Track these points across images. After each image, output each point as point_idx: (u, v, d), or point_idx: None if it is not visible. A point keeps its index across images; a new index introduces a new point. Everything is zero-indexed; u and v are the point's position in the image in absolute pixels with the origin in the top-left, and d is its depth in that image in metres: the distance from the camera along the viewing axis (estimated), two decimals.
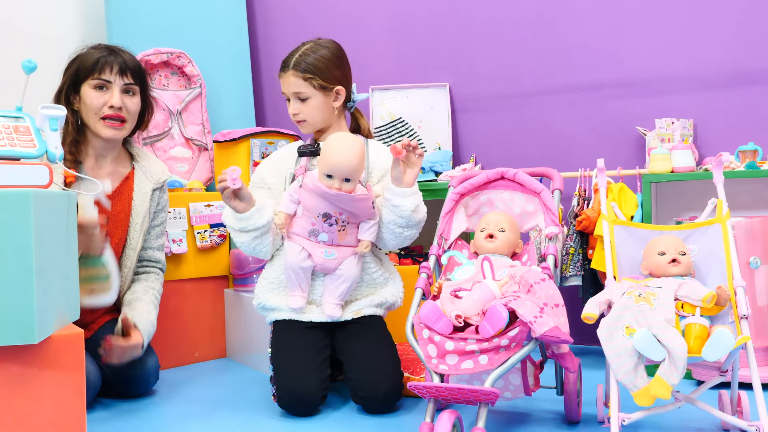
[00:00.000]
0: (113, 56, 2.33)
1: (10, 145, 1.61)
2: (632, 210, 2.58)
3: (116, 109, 2.31)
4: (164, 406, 2.32)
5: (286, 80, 2.36)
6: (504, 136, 3.16)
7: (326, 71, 2.34)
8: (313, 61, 2.33)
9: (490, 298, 1.82)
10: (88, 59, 2.32)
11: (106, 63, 2.30)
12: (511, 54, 3.12)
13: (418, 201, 2.22)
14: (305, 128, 2.40)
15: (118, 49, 2.37)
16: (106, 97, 2.31)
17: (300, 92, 2.34)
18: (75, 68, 2.32)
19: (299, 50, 2.36)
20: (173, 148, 3.21)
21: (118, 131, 2.34)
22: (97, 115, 2.31)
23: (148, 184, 2.45)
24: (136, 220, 2.42)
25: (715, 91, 2.76)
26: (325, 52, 2.36)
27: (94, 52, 2.34)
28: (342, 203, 2.18)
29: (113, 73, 2.30)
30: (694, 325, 1.71)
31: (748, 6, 2.69)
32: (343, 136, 2.26)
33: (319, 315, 2.27)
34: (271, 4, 3.72)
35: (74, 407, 1.63)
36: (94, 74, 2.30)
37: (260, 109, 3.76)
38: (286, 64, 2.36)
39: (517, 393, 2.03)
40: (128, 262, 2.42)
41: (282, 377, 2.19)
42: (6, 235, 1.50)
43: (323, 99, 2.35)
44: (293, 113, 2.38)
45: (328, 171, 2.16)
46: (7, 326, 1.51)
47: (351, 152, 2.16)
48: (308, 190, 2.19)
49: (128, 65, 2.34)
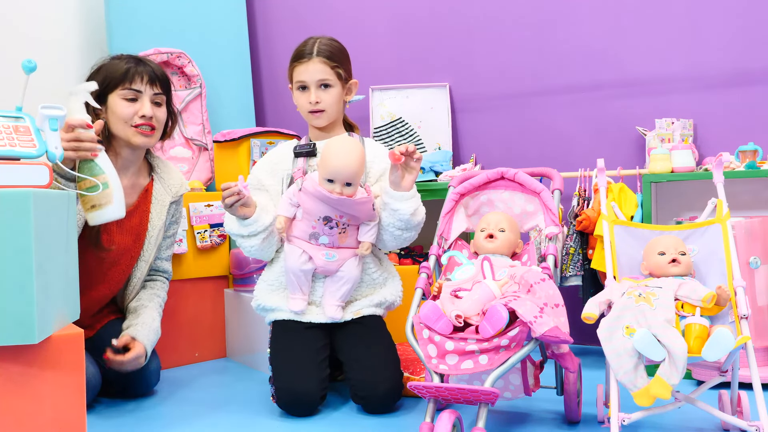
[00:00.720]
0: (142, 66, 2.32)
1: (10, 145, 1.62)
2: (632, 210, 2.58)
3: (147, 118, 2.31)
4: (164, 406, 2.32)
5: (311, 67, 2.32)
6: (504, 136, 3.16)
7: (346, 62, 2.37)
8: (335, 51, 2.34)
9: (490, 298, 1.82)
10: (117, 69, 2.30)
11: (136, 73, 2.30)
12: (511, 54, 3.12)
13: (417, 204, 2.22)
14: (321, 119, 2.36)
15: (145, 60, 2.37)
16: (137, 106, 2.30)
17: (326, 79, 2.32)
18: (102, 78, 2.29)
19: (315, 41, 2.35)
20: (173, 148, 3.21)
21: (150, 138, 2.34)
22: (127, 124, 2.30)
23: (166, 198, 2.45)
24: (151, 233, 2.41)
25: (715, 91, 2.76)
26: (339, 45, 2.38)
27: (120, 62, 2.33)
28: (343, 207, 2.18)
29: (144, 83, 2.30)
30: (694, 325, 1.71)
31: (748, 6, 2.69)
32: (343, 140, 2.25)
33: (320, 316, 2.27)
34: (271, 4, 3.72)
35: (74, 407, 1.63)
36: (124, 84, 2.29)
37: (260, 109, 3.76)
38: (309, 52, 2.32)
39: (517, 393, 2.03)
40: (138, 273, 2.43)
41: (281, 377, 2.19)
42: (6, 235, 1.50)
43: (341, 90, 2.36)
44: (314, 101, 2.32)
45: (329, 176, 2.15)
46: (7, 326, 1.51)
47: (352, 156, 2.15)
48: (308, 194, 2.18)
49: (157, 75, 2.34)
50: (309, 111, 2.35)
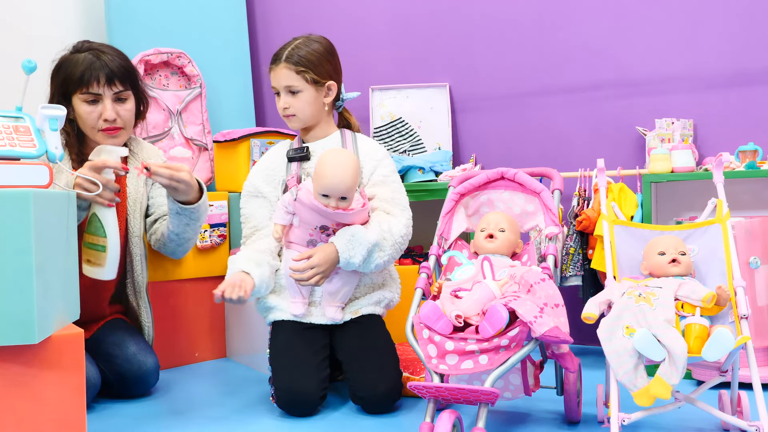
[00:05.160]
0: (99, 64, 2.24)
1: (10, 145, 1.62)
2: (632, 210, 2.58)
3: (111, 121, 2.28)
4: (164, 406, 2.32)
5: (278, 73, 2.32)
6: (504, 136, 3.16)
7: (319, 65, 2.32)
8: (305, 54, 2.31)
9: (490, 298, 1.82)
10: (74, 71, 2.25)
11: (92, 76, 2.24)
12: (511, 54, 3.12)
13: (365, 253, 2.18)
14: (294, 123, 2.37)
15: (102, 52, 2.28)
16: (99, 109, 2.27)
17: (292, 85, 2.30)
18: (62, 79, 2.27)
19: (291, 44, 2.34)
20: (173, 148, 3.21)
21: (118, 138, 2.32)
22: (94, 128, 2.29)
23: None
24: (133, 207, 2.40)
25: (715, 91, 2.76)
26: (317, 46, 2.34)
27: (79, 59, 2.26)
28: (340, 219, 2.18)
29: (101, 85, 2.25)
30: (694, 325, 1.71)
31: (748, 6, 2.69)
32: (336, 154, 2.23)
33: (320, 317, 2.27)
34: (271, 4, 3.72)
35: (74, 407, 1.63)
36: (82, 88, 2.25)
37: (260, 109, 3.76)
38: (278, 57, 2.33)
39: (517, 393, 2.03)
40: (137, 250, 2.41)
41: (280, 378, 2.19)
42: (6, 235, 1.50)
43: (314, 93, 2.33)
44: (283, 107, 2.34)
45: (323, 191, 2.14)
46: (7, 326, 1.51)
47: (346, 172, 2.14)
48: (304, 205, 2.18)
49: (114, 72, 2.26)
50: (282, 115, 2.37)
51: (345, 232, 2.18)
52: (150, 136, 3.11)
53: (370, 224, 2.23)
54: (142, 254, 2.43)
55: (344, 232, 2.18)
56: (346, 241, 2.16)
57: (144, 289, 2.47)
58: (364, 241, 2.16)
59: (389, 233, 2.23)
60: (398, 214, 2.30)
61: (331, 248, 2.17)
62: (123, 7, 3.21)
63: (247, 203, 2.38)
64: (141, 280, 2.45)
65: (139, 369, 2.33)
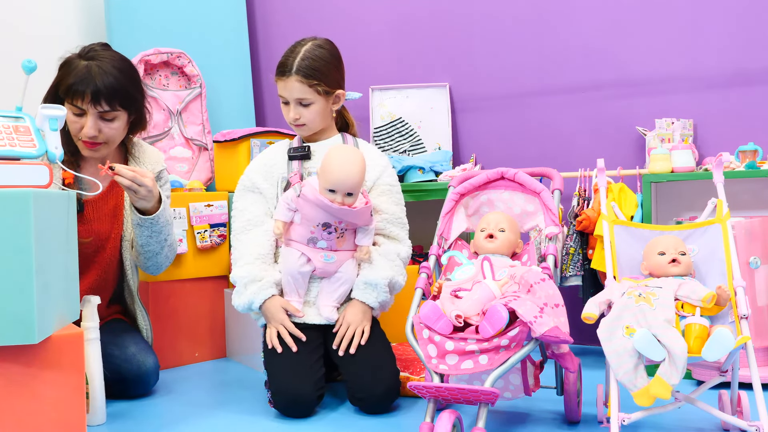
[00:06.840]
0: (89, 79, 2.17)
1: (10, 145, 1.62)
2: (632, 210, 2.58)
3: (90, 137, 2.23)
4: (164, 406, 2.32)
5: (289, 85, 2.30)
6: (504, 136, 3.16)
7: (328, 74, 2.32)
8: (316, 66, 2.29)
9: (490, 298, 1.82)
10: (67, 79, 2.20)
11: (77, 92, 2.17)
12: (511, 54, 3.12)
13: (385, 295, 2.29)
14: (304, 132, 2.38)
15: (100, 66, 2.20)
16: (82, 122, 2.23)
17: (304, 98, 2.30)
18: (57, 81, 2.25)
19: (298, 52, 2.31)
20: (173, 148, 3.21)
21: (96, 152, 2.28)
22: (76, 137, 2.27)
23: None
24: (129, 212, 2.38)
25: (715, 91, 2.76)
26: (325, 54, 2.33)
27: (75, 68, 2.20)
28: (344, 216, 2.18)
29: (86, 102, 2.19)
30: (694, 325, 1.71)
31: (748, 6, 2.69)
32: (343, 150, 2.24)
33: (314, 317, 2.27)
34: (271, 4, 3.72)
35: (74, 407, 1.63)
36: (68, 99, 2.21)
37: (260, 109, 3.76)
38: (288, 68, 2.30)
39: (517, 393, 2.03)
40: (127, 254, 2.42)
41: (276, 380, 2.18)
42: (6, 235, 1.50)
43: (324, 104, 2.34)
44: (294, 118, 2.34)
45: (331, 186, 2.15)
46: (7, 326, 1.51)
47: (353, 168, 2.16)
48: (308, 201, 2.18)
49: (101, 92, 2.18)
50: (292, 124, 2.38)
51: (357, 281, 2.27)
52: (150, 136, 3.11)
53: (379, 262, 2.29)
54: (131, 259, 2.44)
55: (357, 282, 2.27)
56: (361, 290, 2.26)
57: (136, 293, 2.47)
58: (378, 277, 2.25)
59: (398, 259, 2.32)
60: (402, 237, 2.37)
61: (354, 303, 2.26)
62: (123, 7, 3.21)
63: (242, 197, 2.39)
64: (132, 284, 2.45)
65: (138, 369, 2.33)
